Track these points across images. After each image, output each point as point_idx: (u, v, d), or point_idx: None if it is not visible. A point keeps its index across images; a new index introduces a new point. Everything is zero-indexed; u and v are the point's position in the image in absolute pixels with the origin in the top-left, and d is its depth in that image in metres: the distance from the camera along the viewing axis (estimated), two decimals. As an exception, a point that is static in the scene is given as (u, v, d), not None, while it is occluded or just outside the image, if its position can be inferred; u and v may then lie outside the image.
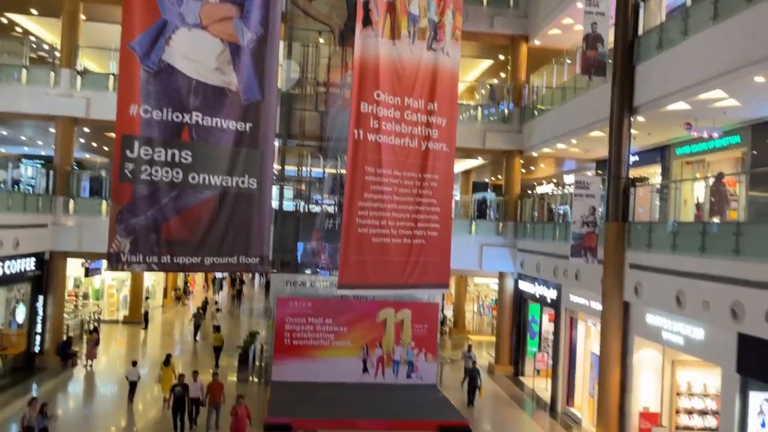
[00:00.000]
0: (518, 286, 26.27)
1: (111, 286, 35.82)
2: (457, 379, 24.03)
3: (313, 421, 18.12)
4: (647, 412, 15.88)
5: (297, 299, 22.30)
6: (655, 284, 14.95)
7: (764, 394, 11.82)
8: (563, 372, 21.24)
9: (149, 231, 11.32)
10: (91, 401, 20.88)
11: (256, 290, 51.43)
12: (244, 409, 15.90)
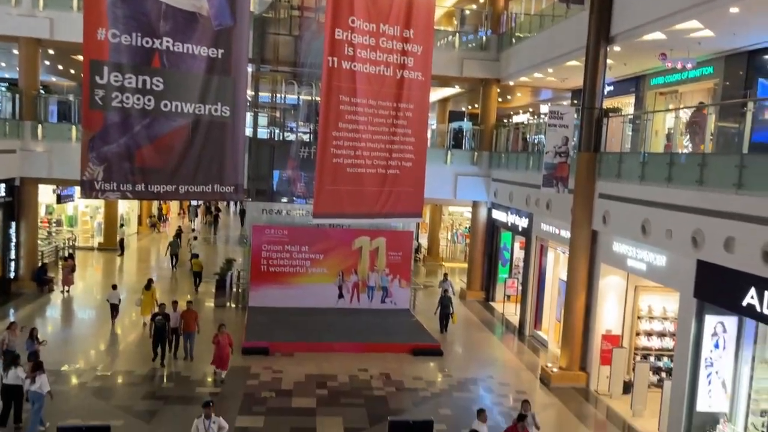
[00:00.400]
0: (491, 215, 26.75)
1: (84, 213, 35.62)
2: (430, 303, 24.79)
3: (290, 345, 18.74)
4: (609, 334, 16.68)
5: (273, 227, 22.50)
6: (622, 213, 15.40)
7: (718, 317, 12.49)
8: (532, 297, 22.02)
9: (122, 159, 11.24)
10: (69, 326, 21.20)
11: (232, 218, 51.52)
12: (226, 337, 15.95)
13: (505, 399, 15.91)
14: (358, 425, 13.79)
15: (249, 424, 13.55)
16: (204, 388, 15.48)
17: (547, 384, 16.96)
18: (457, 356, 19.45)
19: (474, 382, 17.02)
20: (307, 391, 15.61)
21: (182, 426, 10.92)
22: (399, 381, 16.67)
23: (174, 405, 14.38)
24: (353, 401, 15.16)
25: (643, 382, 15.10)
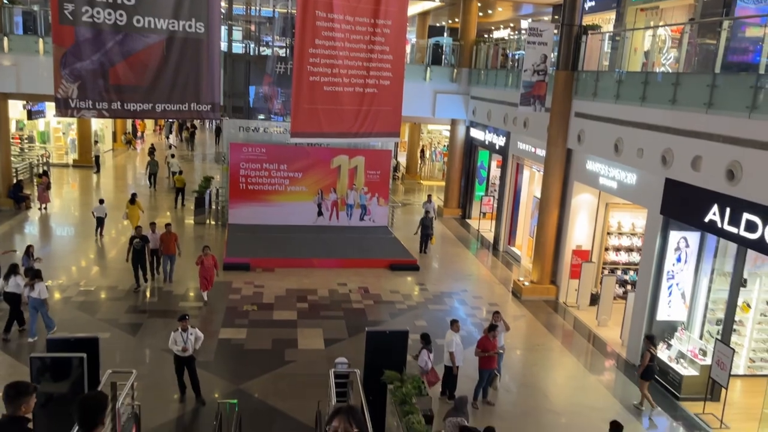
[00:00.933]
0: (469, 134, 26.84)
1: (57, 130, 34.95)
2: (408, 221, 25.28)
3: (271, 261, 19.14)
4: (579, 249, 17.31)
5: (251, 145, 22.40)
6: (597, 132, 15.64)
7: (682, 233, 13.03)
8: (507, 214, 22.54)
9: (96, 76, 11.04)
10: (49, 242, 21.31)
11: (207, 135, 50.88)
12: (211, 258, 15.79)
13: (478, 311, 16.61)
14: (337, 336, 14.40)
15: (232, 336, 14.08)
16: (186, 303, 15.92)
17: (518, 297, 17.70)
18: (433, 271, 20.07)
19: (449, 295, 17.70)
20: (288, 304, 16.14)
21: (167, 338, 11.35)
22: (377, 294, 17.27)
23: (157, 318, 14.83)
24: (333, 314, 15.74)
25: (608, 295, 15.86)
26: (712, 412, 11.63)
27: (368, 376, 10.07)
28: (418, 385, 9.48)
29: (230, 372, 12.49)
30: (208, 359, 12.71)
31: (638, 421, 11.66)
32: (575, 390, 12.90)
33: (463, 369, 11.81)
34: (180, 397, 11.22)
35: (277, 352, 13.34)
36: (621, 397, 12.37)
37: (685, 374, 12.29)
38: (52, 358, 9.00)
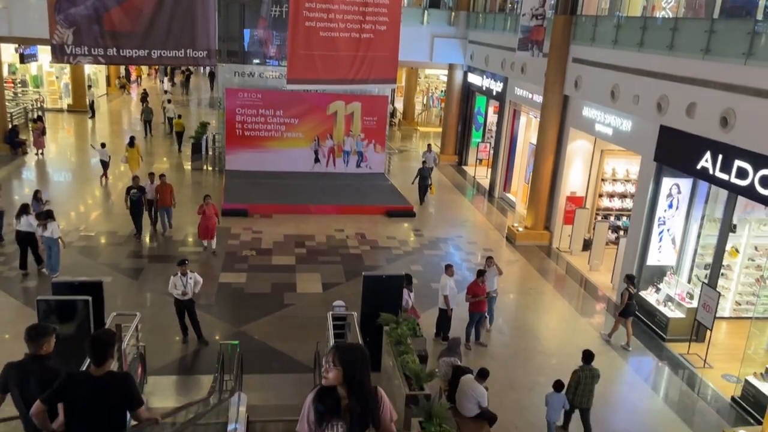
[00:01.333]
0: (467, 79, 26.63)
1: (50, 74, 34.55)
2: (404, 168, 25.38)
3: (268, 207, 19.32)
4: (574, 196, 17.50)
5: (246, 90, 22.24)
6: (594, 78, 15.59)
7: (674, 179, 13.21)
8: (503, 161, 22.64)
9: (91, 22, 10.92)
10: (47, 187, 21.39)
11: (201, 80, 50.25)
12: (212, 207, 15.61)
13: (473, 256, 16.92)
14: (335, 280, 14.72)
15: (232, 280, 14.38)
16: (186, 248, 16.18)
17: (512, 242, 17.99)
18: (429, 217, 20.29)
19: (444, 240, 17.98)
20: (287, 249, 16.41)
21: (167, 282, 11.61)
22: (373, 240, 17.54)
23: (157, 263, 15.10)
24: (330, 259, 16.04)
25: (601, 240, 16.15)
26: (696, 353, 12.07)
27: (365, 319, 10.40)
28: (413, 327, 9.80)
29: (231, 315, 12.84)
30: (209, 302, 13.05)
31: (625, 360, 12.09)
32: (566, 332, 13.31)
33: (457, 312, 12.16)
34: (182, 339, 11.58)
35: (276, 296, 13.66)
36: (611, 341, 12.76)
37: (672, 316, 12.67)
38: (58, 300, 9.26)
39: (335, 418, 3.29)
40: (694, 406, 10.87)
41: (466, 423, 8.85)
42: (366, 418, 3.30)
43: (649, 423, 10.26)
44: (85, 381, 4.43)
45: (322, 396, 3.34)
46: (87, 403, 4.30)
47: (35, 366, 4.99)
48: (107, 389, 4.37)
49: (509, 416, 9.90)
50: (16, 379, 5.11)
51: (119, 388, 4.45)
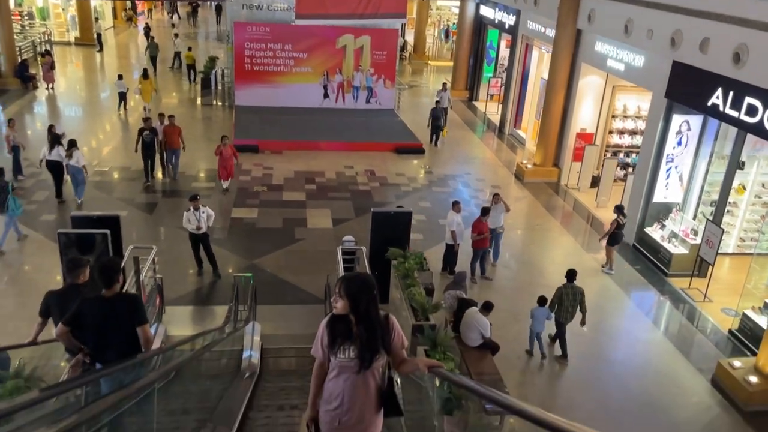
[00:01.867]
0: (479, 11, 26.05)
1: (56, 5, 34.11)
2: (415, 103, 25.23)
3: (278, 143, 19.43)
4: (584, 132, 17.45)
5: (255, 24, 21.96)
6: (607, 12, 15.28)
7: (684, 116, 13.15)
8: (514, 96, 22.43)
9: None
10: (58, 122, 21.54)
11: (208, 12, 49.33)
12: (230, 148, 15.46)
13: (481, 193, 17.07)
14: (344, 216, 14.98)
15: (244, 215, 14.69)
16: (198, 183, 16.42)
17: (521, 179, 18.09)
18: (438, 154, 20.32)
19: (453, 177, 18.10)
20: (297, 185, 16.63)
21: (181, 217, 11.90)
22: (383, 177, 17.69)
23: (171, 198, 15.40)
24: (340, 195, 16.25)
25: (609, 177, 16.23)
26: (697, 287, 12.35)
27: (374, 253, 10.71)
28: (420, 261, 10.10)
29: (244, 249, 13.19)
30: (222, 237, 13.39)
31: (627, 295, 12.41)
32: (570, 267, 13.54)
33: (463, 247, 12.42)
34: (198, 271, 11.98)
35: (287, 231, 13.97)
36: (615, 276, 12.99)
37: (675, 252, 12.90)
38: (78, 234, 9.58)
39: (347, 342, 3.42)
40: (692, 338, 11.22)
41: (470, 352, 9.25)
42: (373, 344, 3.42)
43: (647, 354, 10.63)
44: (98, 301, 4.92)
45: (334, 322, 3.48)
46: (100, 320, 4.80)
47: (73, 293, 5.48)
48: (117, 307, 4.86)
49: (512, 346, 10.30)
50: (57, 305, 5.63)
51: (127, 306, 4.92)
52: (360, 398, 3.49)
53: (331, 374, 3.52)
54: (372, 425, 3.61)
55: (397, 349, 3.56)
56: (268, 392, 8.36)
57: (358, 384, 3.46)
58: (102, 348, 4.84)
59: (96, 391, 4.08)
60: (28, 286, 11.18)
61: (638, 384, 9.69)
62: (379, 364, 3.50)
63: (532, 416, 2.14)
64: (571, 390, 9.56)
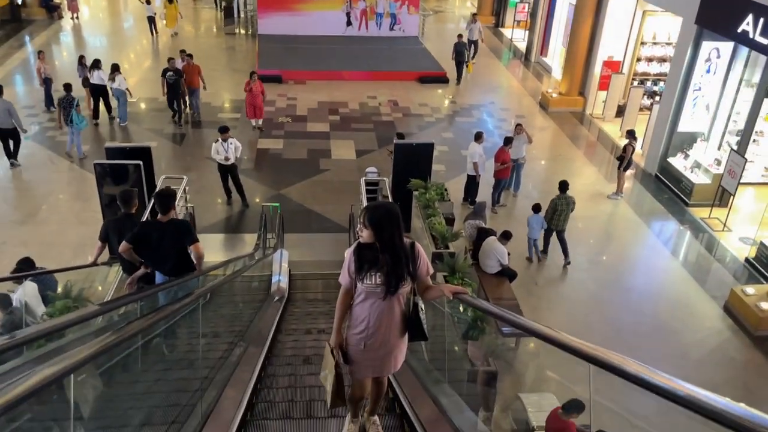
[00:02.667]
0: (507, -68, 25.12)
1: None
2: (440, 30, 24.77)
3: (302, 73, 19.45)
4: (611, 60, 17.14)
5: (276, -51, 21.55)
6: (640, -67, 14.73)
7: (714, 44, 12.86)
8: (541, 23, 21.91)
9: None
10: (85, 50, 21.73)
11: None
12: (259, 84, 15.10)
13: (505, 123, 17.03)
14: (367, 147, 15.19)
15: (270, 146, 14.98)
16: (224, 114, 16.66)
17: (545, 108, 17.97)
18: (462, 83, 20.14)
19: (477, 107, 18.05)
20: (321, 116, 16.79)
21: (209, 148, 12.24)
22: (406, 107, 17.72)
23: (200, 129, 15.70)
24: (363, 126, 16.39)
25: (635, 106, 16.04)
26: (717, 217, 12.44)
27: (396, 184, 10.97)
28: (441, 192, 10.34)
29: (270, 179, 13.55)
30: (249, 168, 13.75)
31: (646, 224, 12.57)
32: (592, 197, 13.68)
33: (485, 177, 12.60)
34: (227, 201, 12.41)
35: (312, 161, 14.26)
36: (636, 205, 13.16)
37: (697, 182, 12.93)
38: (112, 164, 10.00)
39: (374, 268, 3.47)
40: (709, 267, 11.42)
41: (488, 279, 9.62)
42: (399, 271, 3.45)
43: (662, 281, 10.90)
44: (156, 225, 5.70)
45: (361, 249, 3.52)
46: (157, 241, 5.53)
47: (127, 221, 6.40)
48: (171, 230, 5.59)
49: (530, 273, 10.66)
50: (114, 230, 6.50)
51: (180, 229, 5.67)
52: (385, 323, 3.58)
53: (357, 300, 3.61)
54: (396, 349, 3.75)
55: (423, 276, 3.60)
56: (296, 316, 8.89)
57: (383, 309, 3.54)
58: (159, 263, 5.66)
59: (152, 305, 4.54)
60: (68, 214, 11.73)
61: (652, 309, 10.01)
62: (405, 291, 3.55)
63: (551, 338, 2.24)
64: (588, 314, 9.91)
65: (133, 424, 3.72)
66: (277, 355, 6.80)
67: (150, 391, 4.16)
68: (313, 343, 7.39)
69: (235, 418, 4.32)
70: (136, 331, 2.98)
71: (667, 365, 8.62)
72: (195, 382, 4.39)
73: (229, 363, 5.35)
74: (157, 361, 4.52)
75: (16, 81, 18.42)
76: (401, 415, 4.57)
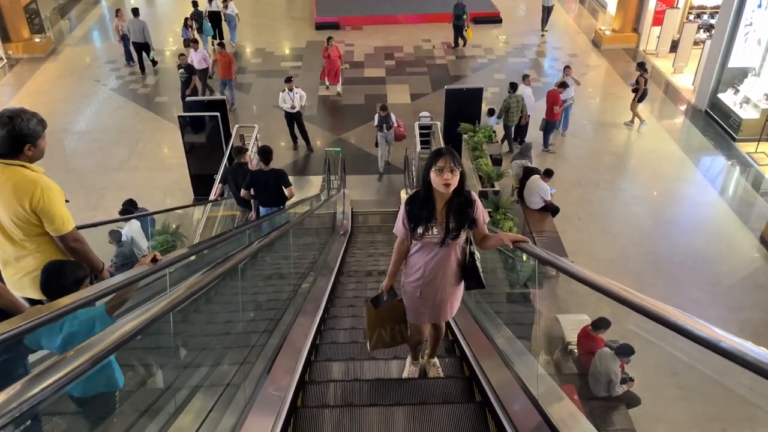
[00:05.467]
0: None
1: None
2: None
3: (358, 19, 20.09)
4: (666, -5, 17.07)
5: None
6: None
7: (767, -23, 12.84)
8: (597, -44, 21.62)
9: None
10: (153, 5, 22.90)
11: None
12: (336, 49, 15.10)
13: (556, 62, 17.34)
14: (421, 91, 15.92)
15: (329, 93, 15.89)
16: (287, 62, 17.65)
17: (598, 46, 18.11)
18: (516, 23, 20.35)
19: (529, 47, 18.36)
20: (377, 62, 17.55)
21: (274, 96, 13.27)
22: (459, 50, 18.21)
23: (264, 78, 16.77)
24: (417, 70, 17.07)
25: (688, 41, 16.07)
26: (764, 151, 12.74)
27: (447, 127, 11.83)
28: (489, 135, 11.15)
29: (331, 124, 14.59)
30: (311, 114, 14.79)
31: (691, 159, 12.97)
32: (639, 135, 14.12)
33: (532, 119, 13.19)
34: (293, 146, 13.56)
35: (369, 107, 15.11)
36: (683, 142, 13.52)
37: (745, 117, 13.17)
38: (192, 116, 11.28)
39: (430, 220, 3.39)
40: (752, 200, 11.83)
41: (532, 214, 10.49)
42: (464, 219, 3.39)
43: (704, 214, 11.41)
44: (262, 173, 7.58)
45: (415, 200, 3.44)
46: (263, 184, 7.53)
47: (240, 169, 8.36)
48: (273, 176, 7.52)
49: (574, 208, 11.42)
50: (231, 175, 8.59)
51: (279, 175, 7.55)
52: (441, 271, 3.56)
53: (413, 249, 3.59)
54: (452, 296, 3.75)
55: (481, 225, 3.50)
56: (359, 246, 10.06)
57: (439, 257, 3.51)
58: (266, 201, 7.68)
59: (258, 234, 5.73)
60: (156, 160, 13.15)
61: (689, 240, 10.61)
62: (461, 240, 3.50)
63: (619, 296, 2.22)
64: (626, 246, 10.63)
65: (233, 333, 4.10)
66: (339, 297, 7.41)
67: (253, 300, 4.79)
68: (374, 262, 8.50)
69: (306, 341, 4.72)
70: (257, 249, 4.01)
71: (698, 291, 9.46)
72: (282, 299, 5.24)
73: (302, 291, 5.88)
74: (259, 275, 5.19)
75: (94, 37, 19.85)
76: (461, 357, 4.70)
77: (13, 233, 3.27)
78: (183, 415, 2.87)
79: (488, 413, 3.68)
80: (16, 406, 1.33)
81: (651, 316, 2.03)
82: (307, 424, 3.65)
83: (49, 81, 16.29)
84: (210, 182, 10.74)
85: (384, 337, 4.13)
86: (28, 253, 3.33)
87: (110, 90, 15.99)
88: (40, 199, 3.16)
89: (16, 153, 3.17)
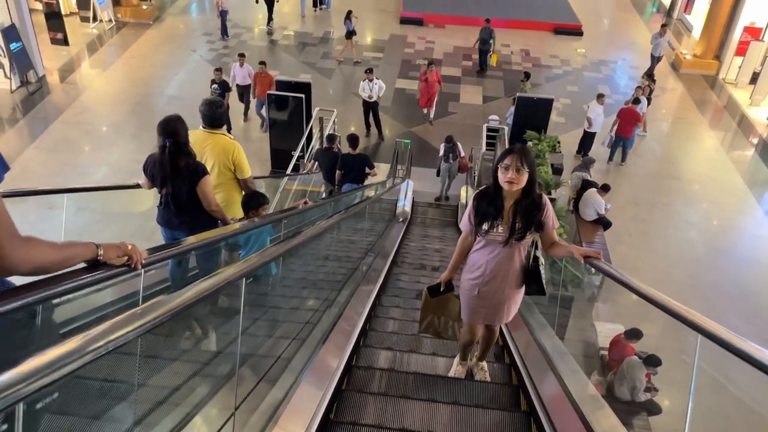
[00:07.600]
0: None
1: None
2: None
3: (442, 17, 20.68)
4: (752, 27, 16.95)
5: None
6: None
7: None
8: (689, -22, 21.48)
9: None
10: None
11: None
12: (435, 74, 14.36)
13: (633, 82, 17.49)
14: (494, 94, 16.44)
15: (405, 86, 16.62)
16: (369, 53, 18.45)
17: (677, 69, 18.14)
18: (597, 37, 20.50)
19: (606, 63, 18.56)
20: (455, 61, 18.13)
21: (355, 85, 14.07)
22: (536, 58, 18.60)
23: (347, 66, 17.57)
24: (493, 73, 17.53)
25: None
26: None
27: (514, 133, 12.37)
28: (554, 144, 11.64)
29: (403, 116, 15.30)
30: (386, 105, 15.54)
31: (753, 195, 12.98)
32: (703, 162, 14.26)
33: (598, 135, 13.51)
34: (366, 133, 14.35)
35: (441, 104, 15.71)
36: (748, 175, 13.55)
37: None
38: (279, 96, 12.22)
39: (496, 218, 3.34)
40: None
41: (585, 225, 10.96)
42: (531, 221, 3.32)
43: (755, 248, 11.48)
44: (350, 156, 8.99)
45: (484, 196, 3.39)
46: (351, 165, 8.95)
47: (328, 152, 9.55)
48: (359, 159, 8.99)
49: (626, 225, 11.79)
50: (321, 157, 9.76)
51: (363, 158, 9.05)
52: (502, 271, 3.49)
53: (477, 245, 3.54)
54: (510, 299, 3.65)
55: (549, 229, 3.41)
56: (413, 238, 10.76)
57: (502, 257, 3.45)
58: (352, 178, 9.02)
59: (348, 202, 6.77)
60: (238, 131, 14.14)
61: (737, 270, 10.81)
62: (527, 242, 3.43)
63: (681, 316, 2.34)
64: (671, 266, 10.88)
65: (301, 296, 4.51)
66: (391, 285, 7.51)
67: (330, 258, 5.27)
68: (426, 253, 9.18)
69: (358, 322, 4.91)
70: (353, 212, 4.94)
71: (737, 319, 9.73)
72: (348, 268, 5.70)
73: (361, 270, 6.18)
74: (340, 238, 5.70)
75: (193, 9, 21.15)
76: (510, 365, 4.61)
77: (215, 177, 4.79)
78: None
79: (533, 424, 3.65)
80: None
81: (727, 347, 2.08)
82: (350, 407, 3.75)
83: (151, 47, 17.61)
84: (288, 157, 11.68)
85: (435, 325, 4.20)
86: (221, 190, 4.88)
87: (204, 60, 17.17)
88: (237, 155, 4.86)
89: (216, 126, 4.86)
